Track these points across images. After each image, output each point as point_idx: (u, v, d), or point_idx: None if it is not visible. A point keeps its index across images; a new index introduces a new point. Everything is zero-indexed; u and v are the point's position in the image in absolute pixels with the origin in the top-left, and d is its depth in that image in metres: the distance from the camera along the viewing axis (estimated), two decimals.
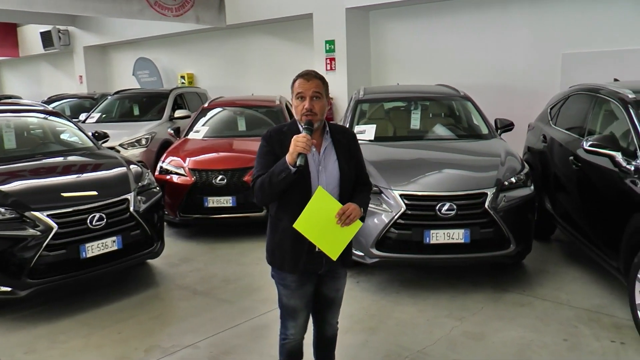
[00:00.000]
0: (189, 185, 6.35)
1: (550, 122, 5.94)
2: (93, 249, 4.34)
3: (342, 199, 2.63)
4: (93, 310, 4.51)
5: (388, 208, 4.54)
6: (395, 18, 10.35)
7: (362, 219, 2.63)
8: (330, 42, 10.58)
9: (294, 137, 2.46)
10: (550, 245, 5.83)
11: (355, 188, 2.74)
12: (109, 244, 4.44)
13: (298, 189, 2.56)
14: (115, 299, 4.71)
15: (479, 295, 4.60)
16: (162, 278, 5.25)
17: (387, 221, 4.52)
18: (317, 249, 2.64)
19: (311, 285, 2.78)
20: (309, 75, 2.63)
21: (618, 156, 4.12)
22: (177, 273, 5.36)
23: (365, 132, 5.78)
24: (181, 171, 6.48)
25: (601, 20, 7.84)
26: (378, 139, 5.71)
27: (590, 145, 4.24)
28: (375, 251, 4.58)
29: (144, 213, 4.76)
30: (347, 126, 5.88)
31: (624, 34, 7.64)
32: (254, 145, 7.19)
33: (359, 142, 2.85)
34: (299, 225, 2.52)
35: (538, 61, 8.46)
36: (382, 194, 4.60)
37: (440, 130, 5.98)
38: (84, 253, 4.30)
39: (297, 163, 2.43)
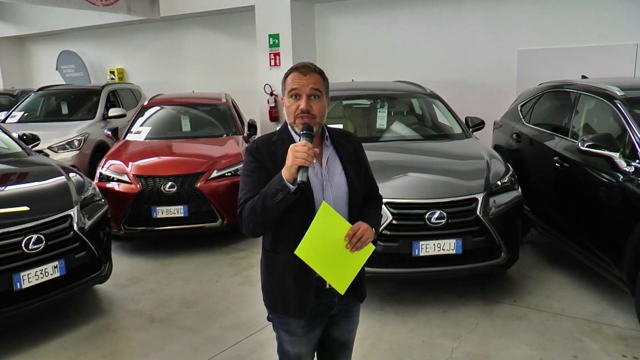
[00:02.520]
0: (134, 193, 5.64)
1: (523, 119, 5.72)
2: (30, 278, 3.61)
3: (352, 219, 2.12)
4: (30, 350, 3.76)
5: None
6: (342, 12, 9.95)
7: (375, 242, 2.12)
8: (275, 37, 10.04)
9: (291, 146, 1.93)
10: (524, 248, 5.61)
11: (364, 203, 2.24)
12: (50, 271, 3.72)
13: (299, 212, 2.03)
14: (57, 334, 3.98)
15: (470, 309, 4.26)
16: (111, 304, 4.55)
17: None
18: (328, 285, 2.14)
19: (320, 328, 2.27)
20: (306, 69, 2.09)
21: (616, 157, 3.89)
22: (127, 296, 4.68)
23: None
24: (124, 178, 5.76)
25: (556, 18, 7.79)
26: None
27: (587, 146, 3.99)
28: None
29: (89, 231, 4.06)
30: None
31: (578, 31, 7.62)
32: (203, 147, 6.79)
33: None
34: (301, 251, 1.98)
35: (494, 57, 8.32)
36: None
37: (411, 130, 5.61)
38: (18, 284, 3.57)
39: (299, 179, 1.89)
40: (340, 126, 5.37)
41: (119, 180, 5.77)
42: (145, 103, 7.60)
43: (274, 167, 2.04)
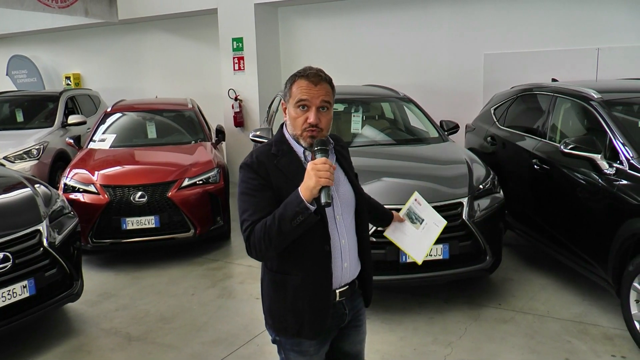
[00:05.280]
0: (102, 204, 5.37)
1: (497, 122, 5.75)
2: None
3: (358, 225, 2.11)
4: None
5: None
6: (306, 15, 9.85)
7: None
8: (238, 40, 9.85)
9: (311, 165, 1.80)
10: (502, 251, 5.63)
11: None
12: (19, 291, 3.47)
13: (311, 229, 1.89)
14: (26, 359, 3.72)
15: (457, 314, 4.22)
16: (83, 322, 4.29)
17: None
18: (338, 298, 2.05)
19: (329, 343, 2.18)
20: (317, 77, 1.94)
21: (598, 158, 3.93)
22: (100, 314, 4.43)
23: None
24: (91, 188, 5.48)
25: (520, 22, 7.90)
26: None
27: (570, 148, 4.01)
28: None
29: (60, 246, 3.81)
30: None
31: (542, 36, 7.75)
32: (172, 155, 6.55)
33: None
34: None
35: (460, 61, 8.36)
36: None
37: (388, 134, 5.56)
38: None
39: (323, 200, 1.77)
40: None
41: (85, 191, 5.48)
42: (109, 109, 7.30)
43: (278, 182, 1.93)
